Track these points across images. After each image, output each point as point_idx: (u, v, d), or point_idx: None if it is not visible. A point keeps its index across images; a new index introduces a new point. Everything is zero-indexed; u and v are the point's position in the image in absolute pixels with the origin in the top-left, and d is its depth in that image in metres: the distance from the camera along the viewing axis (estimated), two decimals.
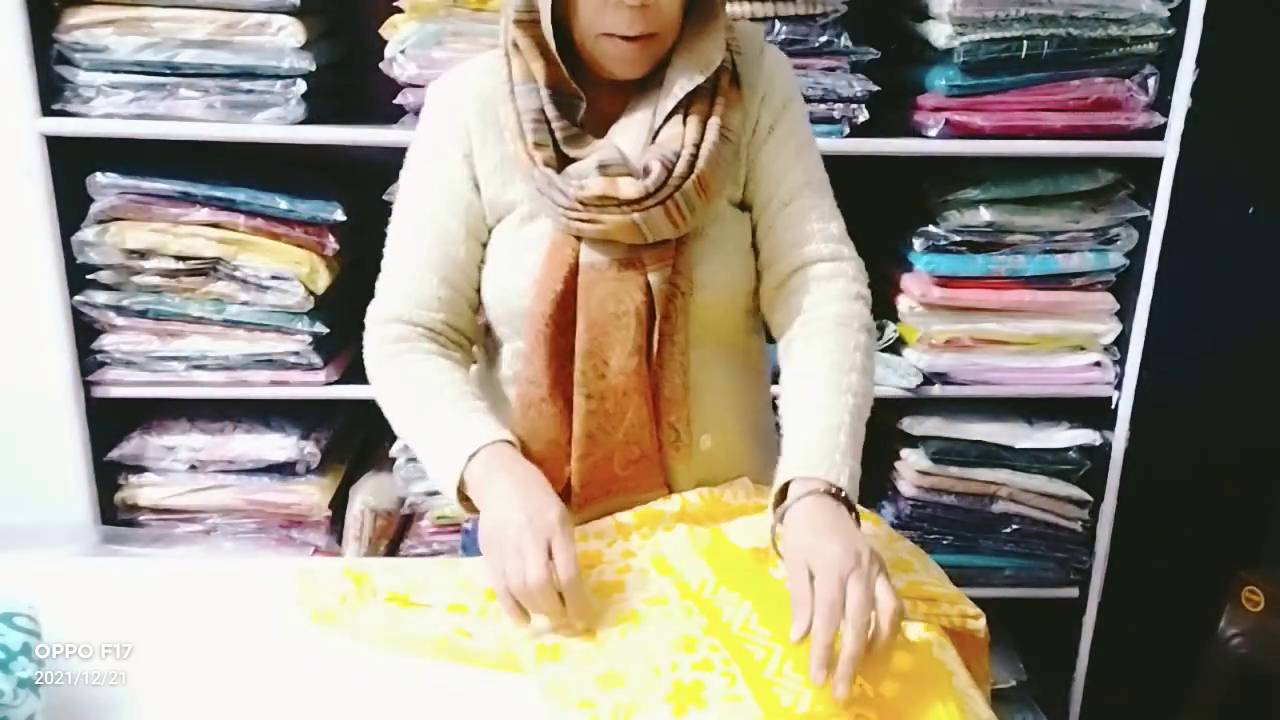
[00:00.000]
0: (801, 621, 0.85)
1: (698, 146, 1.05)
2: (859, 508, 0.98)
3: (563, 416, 1.10)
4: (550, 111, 1.06)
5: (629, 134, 1.07)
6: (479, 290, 1.14)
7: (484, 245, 1.14)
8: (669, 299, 1.07)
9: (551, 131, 1.06)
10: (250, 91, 1.63)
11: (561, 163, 1.06)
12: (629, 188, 1.03)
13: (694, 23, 1.08)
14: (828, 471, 0.95)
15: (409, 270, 1.12)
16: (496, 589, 0.95)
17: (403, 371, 1.11)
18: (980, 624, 1.04)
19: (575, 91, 1.06)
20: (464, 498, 1.03)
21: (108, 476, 1.81)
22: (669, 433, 1.11)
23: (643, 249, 1.06)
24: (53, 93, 1.62)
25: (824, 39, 1.68)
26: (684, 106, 1.06)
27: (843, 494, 0.95)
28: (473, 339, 1.18)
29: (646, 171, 1.04)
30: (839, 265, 1.11)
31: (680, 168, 1.04)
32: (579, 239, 1.07)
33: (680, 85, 1.05)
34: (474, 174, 1.12)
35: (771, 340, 1.19)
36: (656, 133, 1.07)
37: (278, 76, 1.63)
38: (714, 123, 1.06)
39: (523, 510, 0.96)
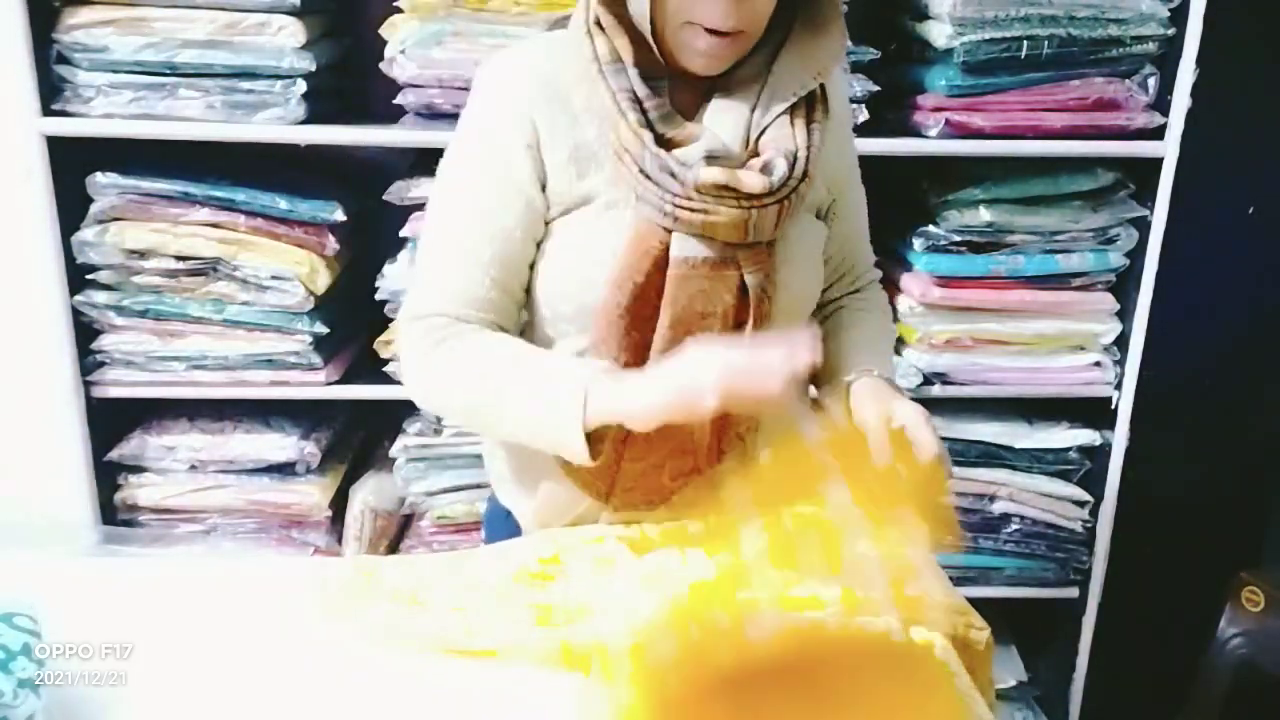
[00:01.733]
0: (884, 454, 0.97)
1: (809, 148, 1.03)
2: None
3: None
4: (641, 91, 1.00)
5: (726, 126, 1.03)
6: (528, 290, 1.09)
7: (539, 242, 1.07)
8: (759, 303, 1.04)
9: (644, 112, 1.01)
10: (250, 91, 1.63)
11: (661, 146, 1.01)
12: (754, 182, 0.99)
13: (804, 22, 1.05)
14: (884, 371, 1.10)
15: (458, 268, 1.05)
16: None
17: (464, 348, 1.03)
18: (983, 635, 1.04)
19: (663, 71, 1.02)
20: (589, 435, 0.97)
21: (108, 476, 1.81)
22: (734, 444, 1.08)
23: (738, 249, 1.02)
24: (53, 93, 1.62)
25: None
26: (788, 108, 1.04)
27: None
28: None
29: (768, 168, 1.00)
30: (876, 279, 1.28)
31: (799, 169, 1.02)
32: (668, 231, 1.01)
33: (791, 88, 1.03)
34: (539, 167, 1.04)
35: None
36: (762, 129, 1.03)
37: (278, 76, 1.63)
38: (817, 129, 1.05)
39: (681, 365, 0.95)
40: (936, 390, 1.83)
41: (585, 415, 0.96)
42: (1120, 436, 1.87)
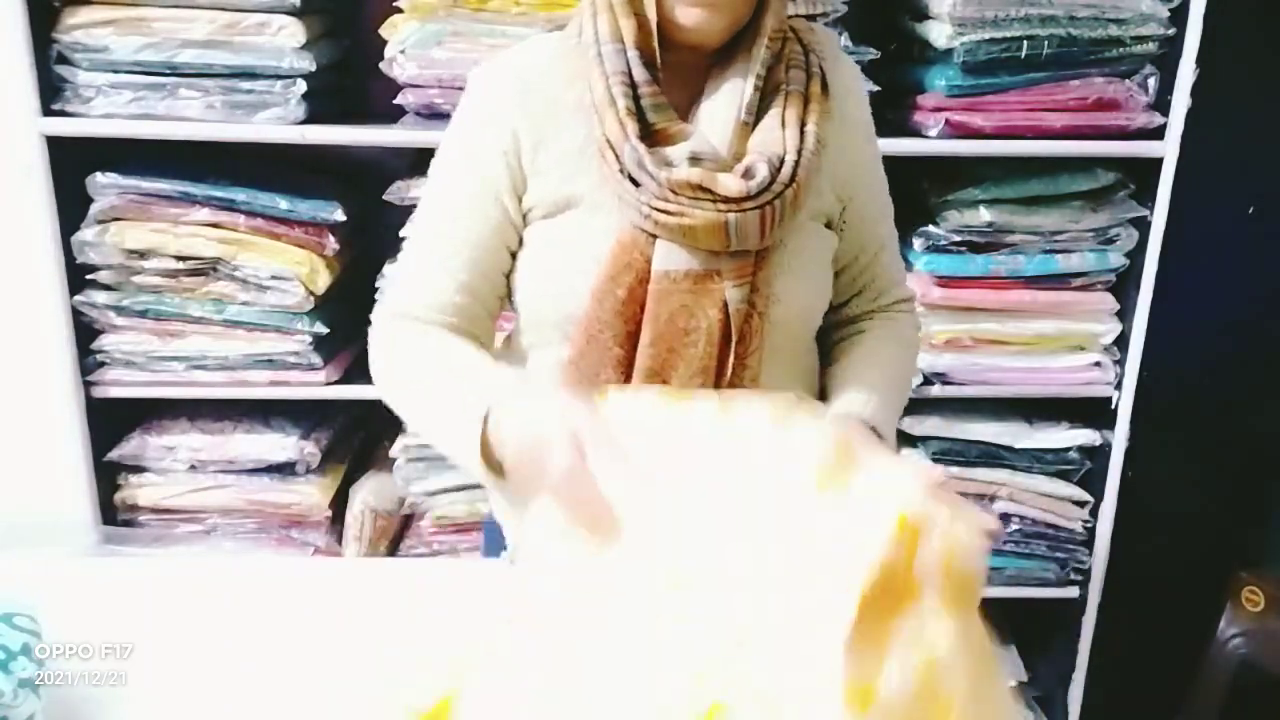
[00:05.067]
0: None
1: (799, 153, 0.99)
2: None
3: None
4: (640, 75, 0.97)
5: (715, 127, 1.00)
6: (501, 298, 1.08)
7: (514, 251, 1.06)
8: (745, 318, 1.00)
9: (638, 99, 0.97)
10: (250, 91, 1.63)
11: (647, 141, 0.97)
12: (731, 184, 0.95)
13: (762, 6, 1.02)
14: (864, 409, 1.01)
15: (427, 272, 1.05)
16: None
17: (407, 346, 1.04)
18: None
19: (654, 59, 0.98)
20: (489, 462, 0.92)
21: (108, 476, 1.81)
22: (739, 369, 1.02)
23: (721, 259, 0.98)
24: (53, 93, 1.62)
25: None
26: (780, 106, 1.00)
27: (872, 427, 1.00)
28: (487, 345, 1.09)
29: (749, 172, 0.97)
30: (910, 306, 1.19)
31: (785, 173, 0.97)
32: (652, 239, 0.98)
33: (758, 61, 0.99)
34: (516, 174, 1.03)
35: None
36: (748, 127, 1.00)
37: (278, 76, 1.63)
38: (811, 130, 1.00)
39: (546, 418, 0.85)
40: (936, 390, 1.83)
41: (479, 447, 0.92)
42: (1120, 436, 1.87)
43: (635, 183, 0.96)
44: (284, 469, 1.83)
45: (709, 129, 1.00)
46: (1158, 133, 1.72)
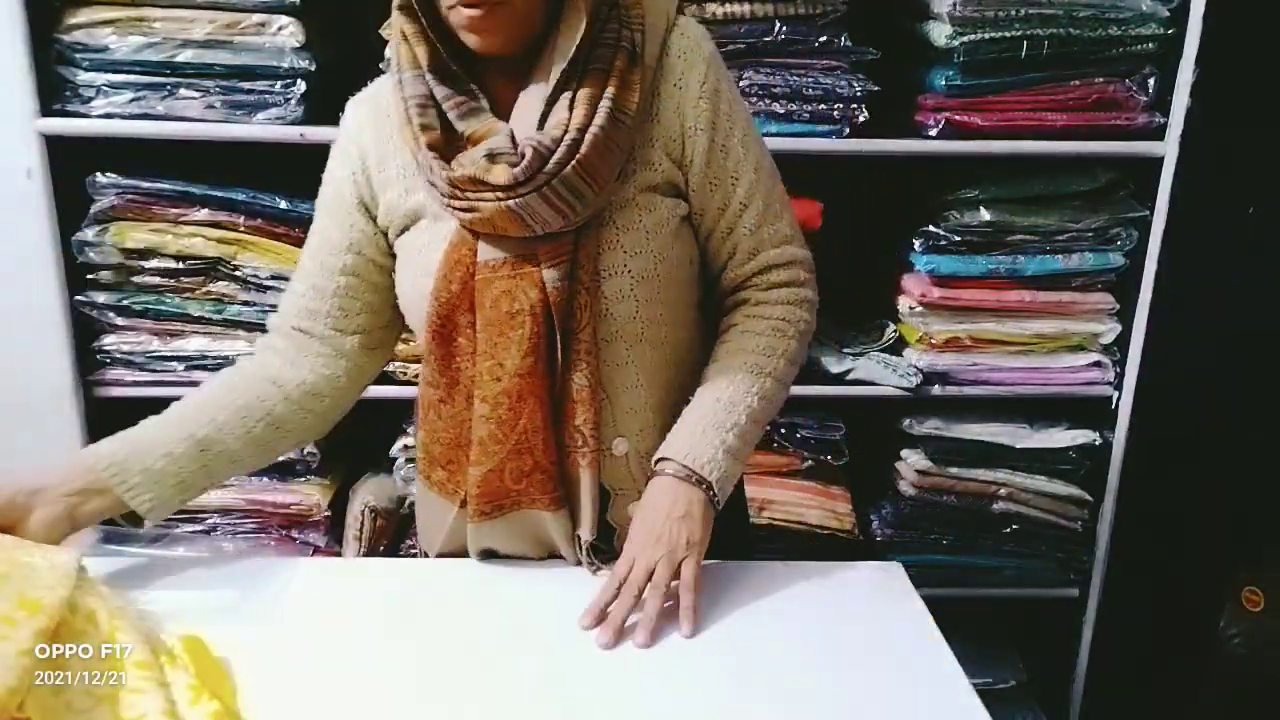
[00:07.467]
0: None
1: (582, 131, 0.98)
2: None
3: (461, 419, 1.08)
4: (440, 93, 1.02)
5: (523, 120, 1.02)
6: (371, 302, 1.15)
7: (381, 263, 1.14)
8: (570, 296, 1.03)
9: (442, 114, 1.02)
10: (250, 91, 1.64)
11: (455, 150, 1.02)
12: (500, 174, 0.98)
13: None
14: (703, 466, 1.04)
15: (292, 281, 1.18)
16: None
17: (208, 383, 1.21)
18: None
19: (458, 71, 1.02)
20: None
21: None
22: (574, 437, 1.06)
23: (537, 244, 1.02)
24: (53, 93, 1.62)
25: (824, 39, 1.68)
26: (574, 87, 1.00)
27: (706, 486, 1.04)
28: (345, 340, 1.16)
29: (522, 158, 0.98)
30: (792, 270, 1.13)
31: (560, 154, 0.98)
32: (477, 236, 1.04)
33: (556, 66, 1.00)
34: (367, 191, 1.11)
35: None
36: (544, 116, 1.01)
37: (278, 76, 1.63)
38: (604, 105, 0.99)
39: None
40: (936, 390, 1.84)
41: None
42: (1120, 436, 1.87)
43: (434, 184, 1.03)
44: (284, 469, 1.83)
45: (519, 124, 1.02)
46: (1158, 133, 1.72)
